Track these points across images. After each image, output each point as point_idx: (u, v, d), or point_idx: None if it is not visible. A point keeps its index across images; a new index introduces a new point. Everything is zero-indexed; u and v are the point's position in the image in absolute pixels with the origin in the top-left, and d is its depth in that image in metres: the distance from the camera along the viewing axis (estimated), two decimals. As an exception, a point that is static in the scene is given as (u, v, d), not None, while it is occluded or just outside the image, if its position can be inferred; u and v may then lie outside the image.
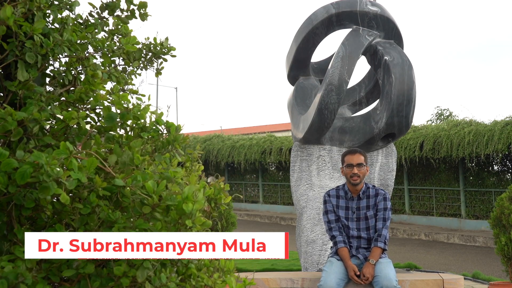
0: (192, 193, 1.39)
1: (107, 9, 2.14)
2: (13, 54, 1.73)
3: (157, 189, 1.40)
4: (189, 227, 1.41)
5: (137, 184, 1.44)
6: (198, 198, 1.40)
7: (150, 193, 1.40)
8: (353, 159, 3.90)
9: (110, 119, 1.66)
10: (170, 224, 1.41)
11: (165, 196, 1.40)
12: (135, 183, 1.45)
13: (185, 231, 1.42)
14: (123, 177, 1.49)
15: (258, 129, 29.13)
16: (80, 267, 1.47)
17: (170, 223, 1.41)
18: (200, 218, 1.42)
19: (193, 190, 1.39)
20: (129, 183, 1.46)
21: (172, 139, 1.73)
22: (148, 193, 1.42)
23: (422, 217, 13.79)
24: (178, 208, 1.38)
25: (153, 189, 1.40)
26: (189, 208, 1.37)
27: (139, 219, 1.45)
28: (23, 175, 1.35)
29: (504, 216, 5.07)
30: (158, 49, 2.24)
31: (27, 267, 1.44)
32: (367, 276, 3.65)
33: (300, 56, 5.82)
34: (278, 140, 17.11)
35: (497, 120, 11.88)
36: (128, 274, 1.47)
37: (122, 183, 1.45)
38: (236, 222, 5.52)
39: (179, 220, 1.39)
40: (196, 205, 1.39)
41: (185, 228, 1.41)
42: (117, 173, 1.54)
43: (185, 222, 1.39)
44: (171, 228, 1.41)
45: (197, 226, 1.43)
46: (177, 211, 1.39)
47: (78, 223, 1.52)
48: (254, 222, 16.45)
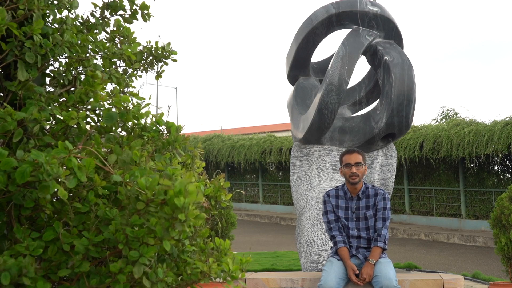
0: (183, 186, 1.38)
1: (109, 9, 2.14)
2: (13, 54, 1.73)
3: (150, 185, 1.40)
4: (183, 221, 1.41)
5: (135, 180, 1.44)
6: (189, 191, 1.39)
7: (143, 188, 1.40)
8: (351, 159, 3.90)
9: (109, 118, 1.66)
10: (164, 219, 1.41)
11: (158, 191, 1.40)
12: (132, 178, 1.45)
13: (180, 225, 1.42)
14: (121, 174, 1.49)
15: (258, 129, 29.13)
16: (75, 266, 1.47)
17: (164, 218, 1.41)
18: (193, 212, 1.42)
19: (184, 183, 1.39)
20: (126, 179, 1.45)
21: (173, 139, 1.73)
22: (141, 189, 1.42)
23: (422, 217, 13.79)
24: (170, 202, 1.38)
25: (145, 184, 1.40)
26: (181, 202, 1.37)
27: (134, 216, 1.45)
28: (23, 174, 1.35)
29: (504, 216, 5.07)
30: (160, 52, 2.25)
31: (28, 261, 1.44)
32: (364, 276, 3.65)
33: (300, 56, 5.82)
34: (278, 140, 17.12)
35: (497, 120, 11.88)
36: (124, 270, 1.47)
37: (120, 179, 1.45)
38: (236, 222, 5.51)
39: (173, 214, 1.39)
40: (188, 198, 1.38)
41: (179, 223, 1.41)
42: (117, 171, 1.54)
43: (178, 216, 1.39)
44: (165, 223, 1.41)
45: (191, 220, 1.42)
46: (170, 206, 1.39)
47: (75, 222, 1.52)
48: (254, 222, 16.45)
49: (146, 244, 1.46)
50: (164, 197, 1.38)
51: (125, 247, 1.46)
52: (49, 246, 1.50)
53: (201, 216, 1.44)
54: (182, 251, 1.63)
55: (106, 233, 1.47)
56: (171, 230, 1.42)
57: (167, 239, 1.44)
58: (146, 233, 1.44)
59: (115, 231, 1.46)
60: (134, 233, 1.44)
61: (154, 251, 1.46)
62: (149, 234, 1.45)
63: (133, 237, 1.44)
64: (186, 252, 1.65)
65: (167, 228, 1.42)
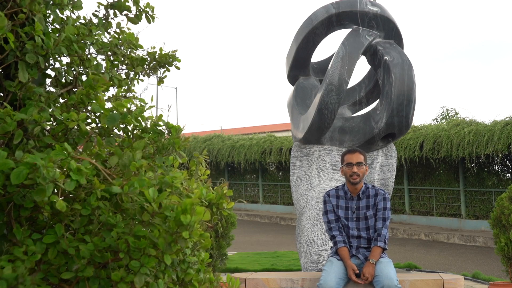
0: (191, 205, 1.39)
1: (113, 9, 2.13)
2: (14, 54, 1.72)
3: (157, 198, 1.40)
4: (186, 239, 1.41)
5: (134, 191, 1.44)
6: (196, 211, 1.40)
7: (150, 200, 1.40)
8: (353, 158, 3.91)
9: (111, 119, 1.66)
10: (168, 234, 1.41)
11: (165, 206, 1.40)
12: (132, 189, 1.44)
13: (183, 241, 1.42)
14: (120, 184, 1.49)
15: (258, 129, 29.12)
16: (80, 270, 1.47)
17: (167, 233, 1.41)
18: (197, 231, 1.42)
19: (192, 202, 1.39)
20: (125, 191, 1.45)
21: (173, 141, 1.73)
22: (147, 201, 1.41)
23: (422, 217, 13.79)
24: (177, 219, 1.38)
25: (152, 197, 1.40)
26: (187, 220, 1.37)
27: (138, 226, 1.45)
28: (18, 175, 1.34)
29: (504, 216, 5.07)
30: (163, 58, 2.24)
31: (26, 268, 1.44)
32: (367, 275, 3.65)
33: (300, 56, 5.82)
34: (278, 140, 17.11)
35: (497, 120, 11.88)
36: (126, 279, 1.46)
37: (119, 190, 1.45)
38: (236, 222, 5.51)
39: (177, 229, 1.39)
40: (194, 217, 1.39)
41: (183, 239, 1.41)
42: (118, 176, 1.53)
43: (182, 233, 1.39)
44: (168, 238, 1.41)
45: (194, 238, 1.43)
46: (175, 222, 1.39)
47: (77, 224, 1.52)
48: (254, 222, 16.45)
49: (147, 255, 1.46)
50: (169, 214, 1.39)
51: (126, 256, 1.46)
52: (50, 248, 1.49)
53: (205, 236, 1.45)
54: (183, 260, 1.63)
55: (108, 239, 1.47)
56: (173, 245, 1.42)
57: (168, 253, 1.44)
58: (148, 244, 1.44)
59: (117, 238, 1.46)
60: (136, 244, 1.44)
61: (155, 261, 1.46)
62: (151, 245, 1.45)
63: (134, 247, 1.44)
64: (186, 262, 1.65)
65: (170, 243, 1.42)
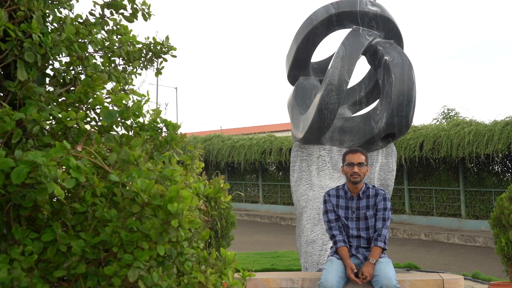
0: (176, 192, 1.37)
1: (109, 8, 2.13)
2: (12, 53, 1.72)
3: (145, 188, 1.39)
4: (177, 227, 1.40)
5: (132, 181, 1.44)
6: (183, 196, 1.38)
7: (138, 191, 1.39)
8: (354, 158, 3.91)
9: (109, 116, 1.65)
10: (159, 224, 1.40)
11: (153, 195, 1.39)
12: (130, 179, 1.44)
13: (173, 230, 1.41)
14: (118, 174, 1.48)
15: (258, 129, 29.12)
16: (71, 267, 1.47)
17: (158, 223, 1.40)
18: (186, 218, 1.41)
19: (178, 189, 1.38)
20: (123, 179, 1.45)
21: (170, 138, 1.73)
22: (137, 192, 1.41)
23: (422, 217, 13.79)
24: (164, 208, 1.37)
25: (140, 187, 1.39)
26: (174, 208, 1.36)
27: (129, 218, 1.44)
28: (19, 174, 1.34)
29: (504, 216, 5.07)
30: (158, 48, 2.23)
31: (23, 268, 1.43)
32: (365, 275, 3.65)
33: (300, 56, 5.82)
34: (278, 140, 17.11)
35: (497, 120, 11.87)
36: (119, 273, 1.46)
37: (117, 179, 1.44)
38: (235, 222, 5.51)
39: (167, 219, 1.39)
40: (181, 204, 1.38)
41: (173, 228, 1.40)
42: (116, 171, 1.53)
43: (171, 222, 1.38)
44: (159, 228, 1.40)
45: (185, 226, 1.42)
46: (164, 211, 1.38)
47: (73, 221, 1.51)
48: (254, 222, 16.45)
49: (140, 248, 1.45)
50: (159, 202, 1.38)
51: (120, 250, 1.45)
52: (48, 247, 1.49)
53: (195, 223, 1.44)
54: (180, 253, 1.62)
55: (103, 235, 1.46)
56: (165, 235, 1.41)
57: (161, 243, 1.43)
58: (140, 237, 1.43)
59: (111, 233, 1.46)
60: (128, 236, 1.43)
61: (148, 254, 1.45)
62: (143, 238, 1.44)
63: (127, 240, 1.43)
64: (184, 255, 1.64)
65: (161, 233, 1.41)
